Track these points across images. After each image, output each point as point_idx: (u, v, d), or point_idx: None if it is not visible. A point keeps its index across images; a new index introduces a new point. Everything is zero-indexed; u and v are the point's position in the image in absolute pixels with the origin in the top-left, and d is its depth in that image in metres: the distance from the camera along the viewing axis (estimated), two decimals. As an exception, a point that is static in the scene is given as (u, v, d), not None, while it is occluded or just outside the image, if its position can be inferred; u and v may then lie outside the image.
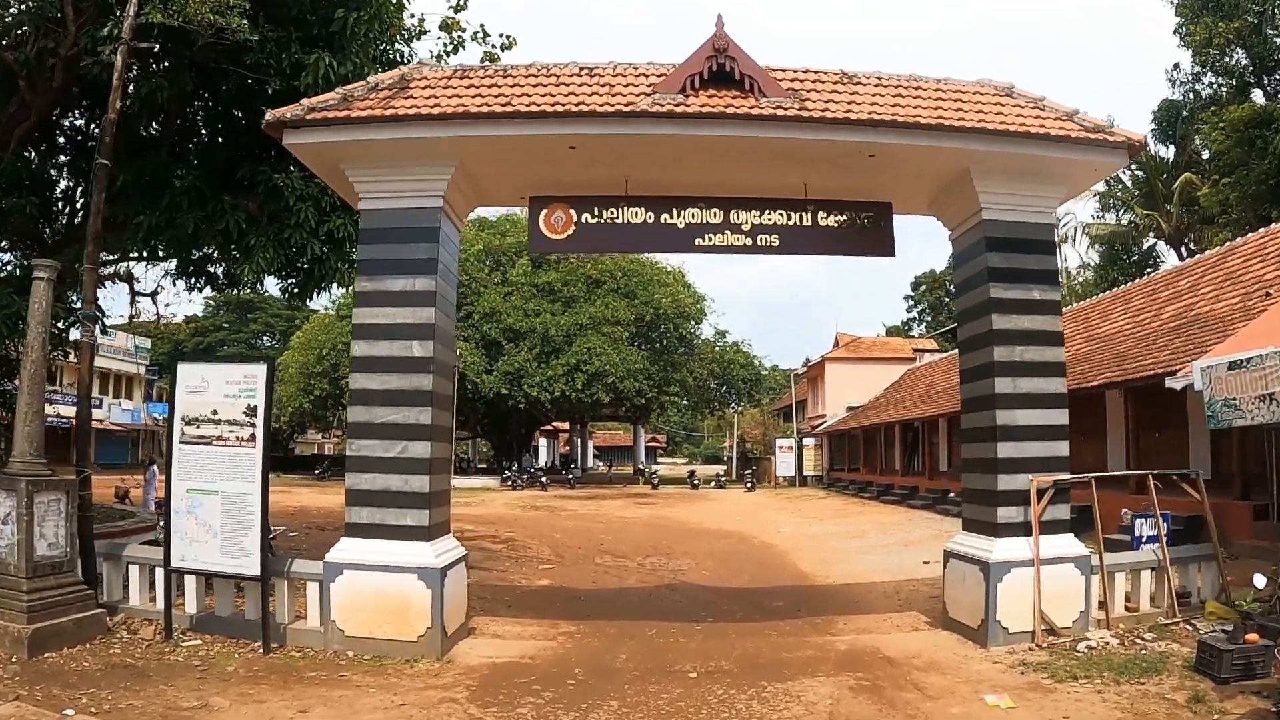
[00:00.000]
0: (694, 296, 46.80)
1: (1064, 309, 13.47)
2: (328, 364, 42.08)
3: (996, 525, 7.86)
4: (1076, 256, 40.07)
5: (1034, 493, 7.91)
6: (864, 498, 32.72)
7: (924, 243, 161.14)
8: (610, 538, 18.71)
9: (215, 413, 7.88)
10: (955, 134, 7.77)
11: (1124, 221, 34.91)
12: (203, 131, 12.55)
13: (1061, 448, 8.18)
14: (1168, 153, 33.45)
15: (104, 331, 15.06)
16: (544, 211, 8.36)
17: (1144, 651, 7.54)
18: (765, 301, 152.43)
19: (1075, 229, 35.61)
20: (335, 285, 13.60)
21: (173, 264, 16.85)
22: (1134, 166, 33.19)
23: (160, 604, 8.04)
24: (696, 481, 43.01)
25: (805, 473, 44.30)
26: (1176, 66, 32.73)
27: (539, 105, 7.61)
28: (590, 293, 43.69)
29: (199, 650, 7.56)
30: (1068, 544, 8.10)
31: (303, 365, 43.40)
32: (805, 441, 45.29)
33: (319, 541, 14.30)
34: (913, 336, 57.25)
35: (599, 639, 8.40)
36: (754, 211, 8.31)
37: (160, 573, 8.05)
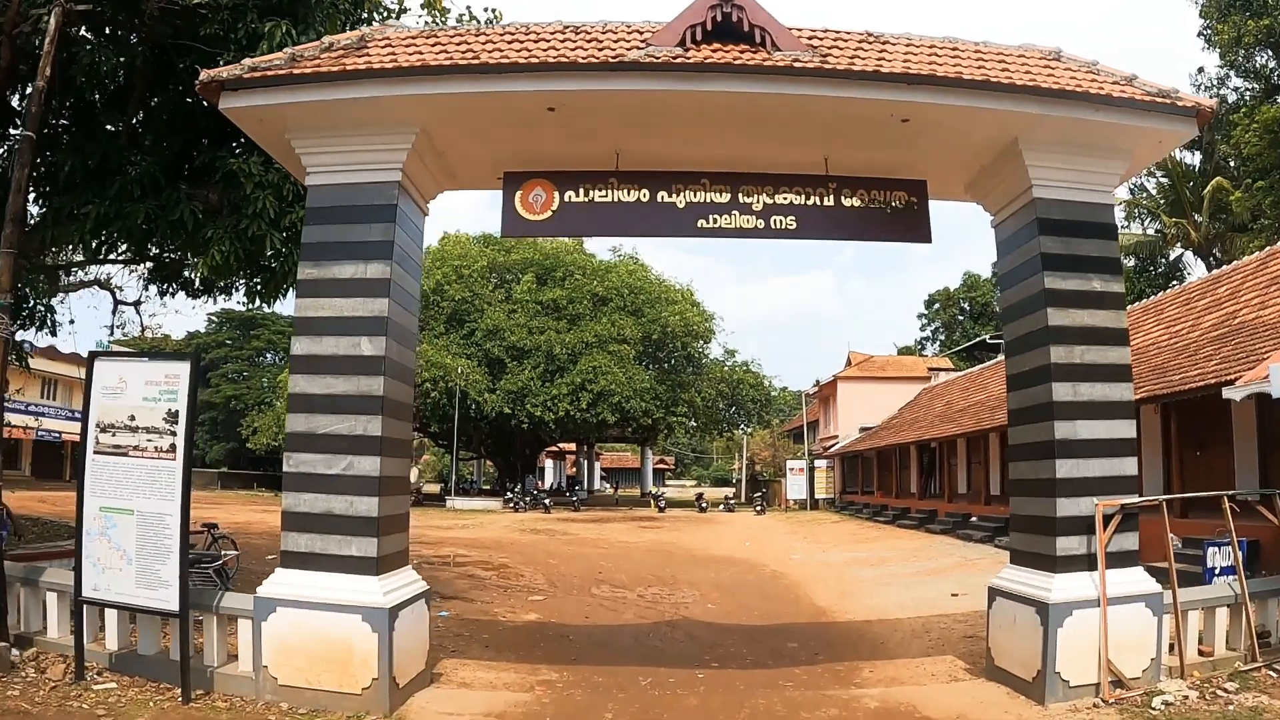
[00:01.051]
0: (702, 315, 45.70)
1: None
2: (326, 381, 40.96)
3: (1055, 559, 6.58)
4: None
5: (1099, 519, 6.63)
6: (879, 522, 31.32)
7: (932, 263, 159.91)
8: (610, 565, 17.41)
9: (133, 418, 6.72)
10: (1003, 93, 6.56)
11: (1150, 231, 33.61)
12: (163, 117, 11.49)
13: (1128, 465, 6.90)
14: (1194, 159, 32.24)
15: (30, 326, 14.08)
16: (521, 189, 7.19)
17: (1230, 707, 6.34)
18: (773, 324, 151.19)
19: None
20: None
21: (144, 268, 16.02)
22: (1160, 174, 31.99)
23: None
24: (704, 505, 41.63)
25: (817, 495, 42.88)
26: (1200, 70, 31.61)
27: (511, 59, 6.46)
28: (596, 310, 42.66)
29: (110, 696, 6.40)
30: (1137, 579, 6.81)
31: (300, 382, 42.24)
32: (817, 463, 43.90)
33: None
34: (926, 356, 55.84)
35: (584, 691, 7.13)
36: (766, 189, 7.10)
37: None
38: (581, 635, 9.76)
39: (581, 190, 7.12)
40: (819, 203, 7.11)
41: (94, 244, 11.99)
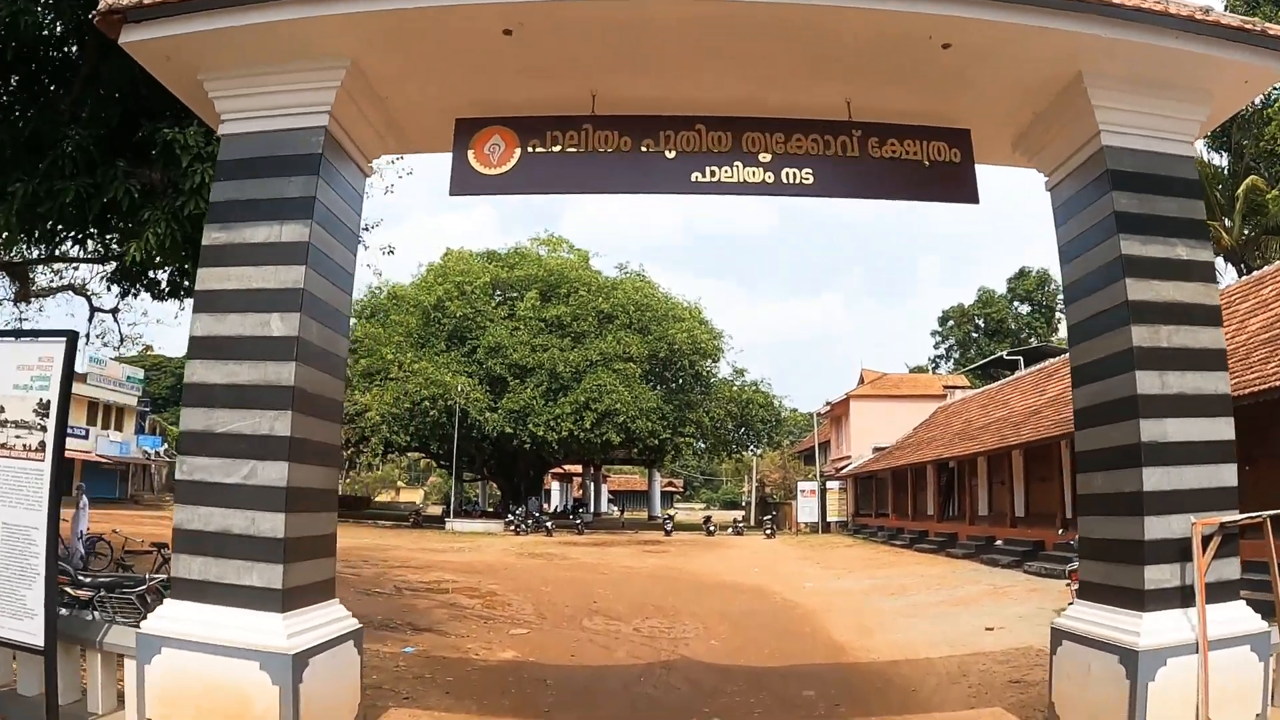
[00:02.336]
0: (710, 332, 44.38)
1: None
2: (322, 398, 39.72)
3: (1143, 593, 5.18)
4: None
5: (1197, 541, 5.25)
6: (895, 546, 29.76)
7: (944, 285, 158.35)
8: (608, 593, 15.98)
9: (1, 410, 5.46)
10: (1066, 11, 5.25)
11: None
12: (98, 89, 10.35)
13: (1227, 473, 5.52)
14: (1222, 161, 30.81)
15: None
16: (475, 138, 5.91)
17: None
18: (782, 346, 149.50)
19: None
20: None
21: (107, 269, 15.05)
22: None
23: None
24: (712, 528, 40.08)
25: (829, 518, 41.32)
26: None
27: (457, -33, 5.19)
28: (601, 327, 41.41)
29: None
30: (1240, 616, 5.43)
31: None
32: (829, 484, 42.35)
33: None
34: (941, 374, 54.29)
35: (549, 755, 5.76)
36: (777, 136, 5.80)
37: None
38: (562, 679, 8.35)
39: (548, 139, 5.83)
40: (841, 152, 5.79)
41: (29, 228, 10.89)
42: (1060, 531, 15.19)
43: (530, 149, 5.81)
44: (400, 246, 48.84)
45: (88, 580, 8.59)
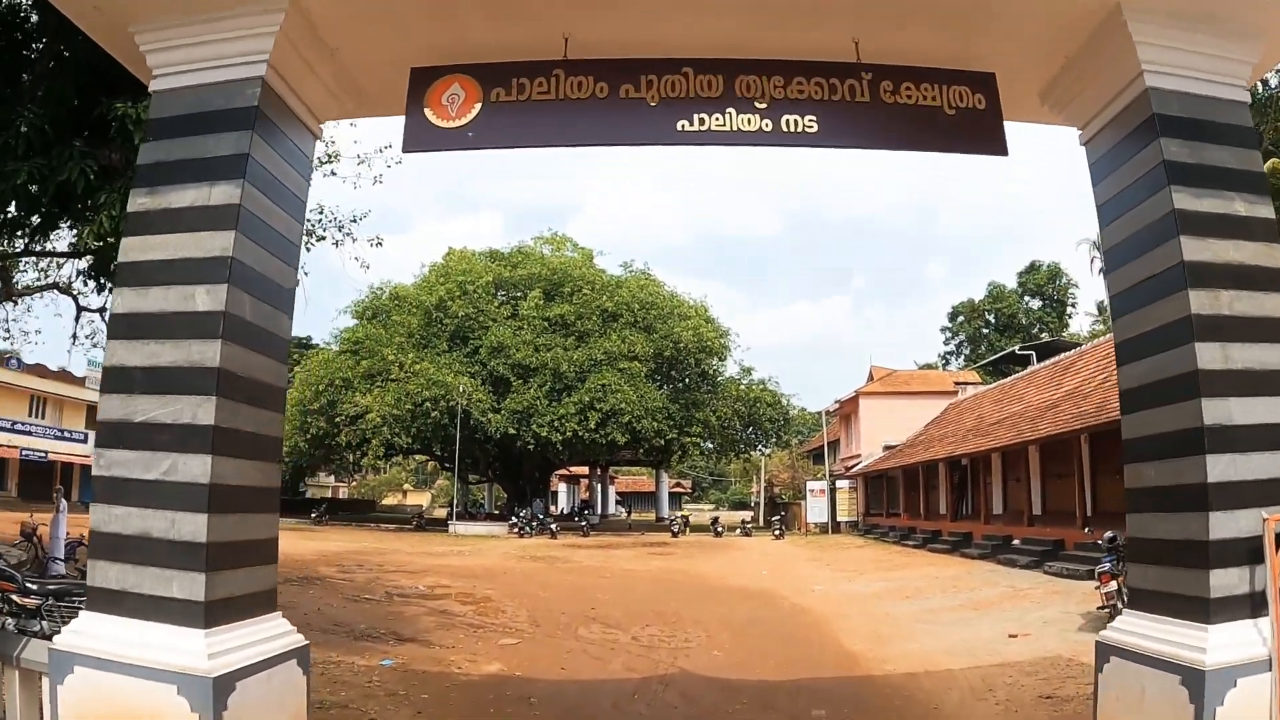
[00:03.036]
0: (717, 330, 43.62)
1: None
2: (325, 400, 39.20)
3: (1208, 602, 4.43)
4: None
5: (1269, 539, 4.50)
6: (907, 546, 28.95)
7: (951, 286, 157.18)
8: (608, 598, 15.28)
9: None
10: (1108, -70, 4.53)
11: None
12: (50, 63, 9.72)
13: (1299, 462, 4.77)
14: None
15: None
16: (431, 88, 5.20)
17: None
18: (789, 349, 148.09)
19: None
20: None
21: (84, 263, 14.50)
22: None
23: None
24: (720, 529, 39.31)
25: (839, 518, 40.51)
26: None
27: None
28: (605, 326, 40.73)
29: None
30: (1313, 628, 4.68)
31: (299, 402, 40.54)
32: (839, 484, 41.54)
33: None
34: (952, 371, 53.39)
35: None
36: (775, 79, 5.06)
37: None
38: (548, 696, 7.64)
39: (514, 86, 5.11)
40: (848, 97, 5.06)
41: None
42: (1087, 530, 14.37)
43: (494, 99, 5.09)
44: (407, 252, 48.33)
45: (34, 587, 7.93)
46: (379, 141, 17.71)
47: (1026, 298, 59.51)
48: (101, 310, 19.30)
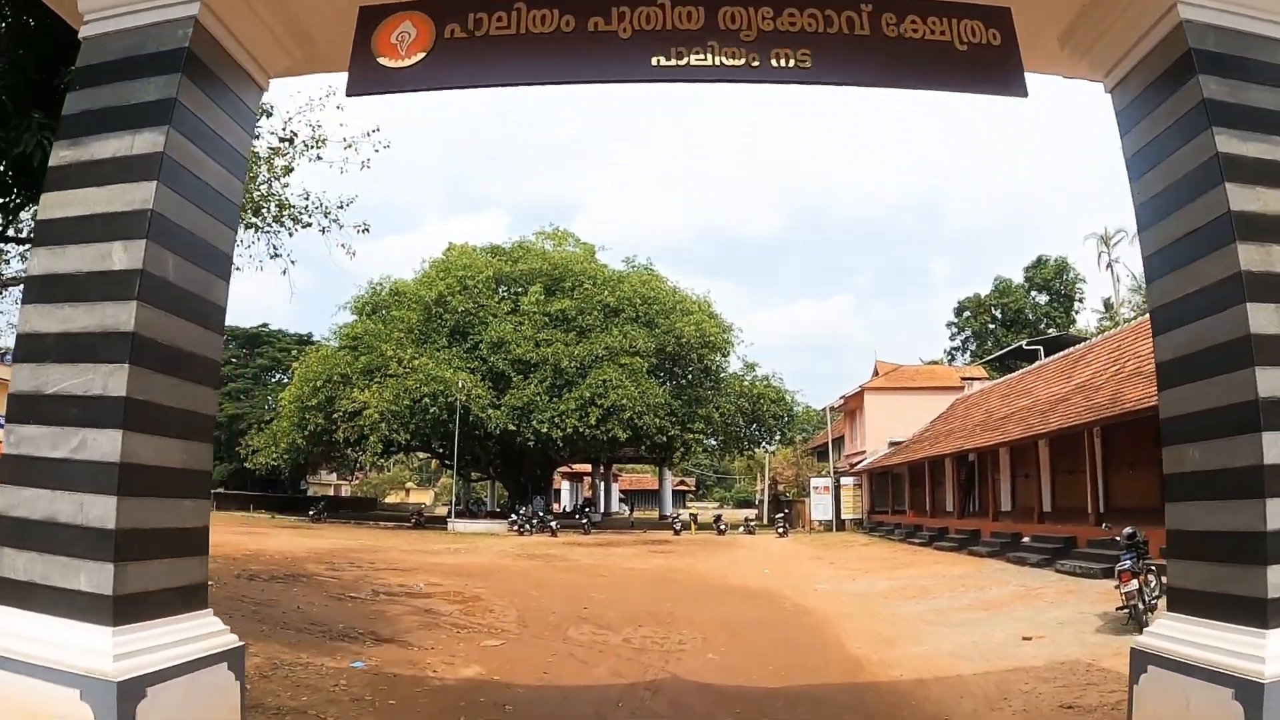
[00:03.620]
0: (720, 325, 42.94)
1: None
2: (323, 396, 38.65)
3: (1265, 604, 3.85)
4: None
5: (1333, 533, 3.92)
6: (914, 544, 28.33)
7: (955, 286, 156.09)
8: (602, 597, 14.71)
9: None
10: None
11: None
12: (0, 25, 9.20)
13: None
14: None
15: None
16: (380, 27, 4.65)
17: None
18: (792, 348, 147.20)
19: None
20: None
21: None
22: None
23: None
24: (723, 526, 38.72)
25: (844, 516, 39.90)
26: None
27: None
28: (607, 321, 40.12)
29: None
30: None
31: (297, 399, 40.05)
32: (843, 481, 40.91)
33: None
34: (958, 366, 52.68)
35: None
36: (764, 10, 4.50)
37: None
38: (526, 703, 7.07)
39: (471, 21, 4.55)
40: (846, 30, 4.49)
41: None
42: (1104, 526, 13.77)
43: (447, 35, 4.54)
44: (411, 250, 47.71)
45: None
46: (367, 125, 16.94)
47: (1033, 293, 58.74)
48: None
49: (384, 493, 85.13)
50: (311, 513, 42.25)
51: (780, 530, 36.93)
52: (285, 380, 53.36)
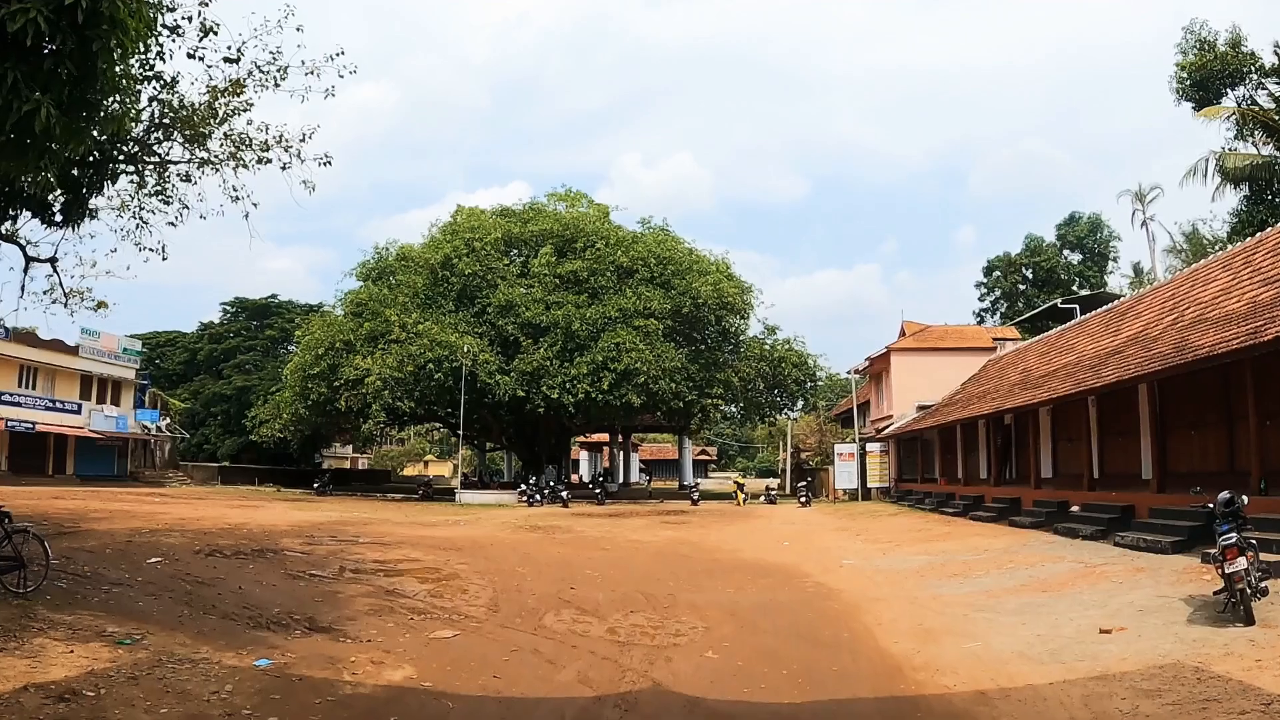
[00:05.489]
0: (739, 286, 40.62)
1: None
2: (325, 364, 37.08)
3: None
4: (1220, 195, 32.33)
5: None
6: (946, 514, 26.33)
7: (979, 255, 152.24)
8: (596, 575, 12.95)
9: None
10: None
11: (1266, 151, 28.06)
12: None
13: None
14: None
15: None
16: None
17: None
18: (818, 317, 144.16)
19: (1207, 161, 28.80)
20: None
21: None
22: (1273, 80, 26.54)
23: None
24: (744, 496, 36.92)
25: (869, 484, 37.93)
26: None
27: None
28: (620, 283, 38.15)
29: None
30: None
31: (300, 368, 38.54)
32: (869, 447, 38.87)
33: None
34: (988, 327, 50.27)
35: None
36: None
37: None
38: (451, 725, 5.30)
39: None
40: None
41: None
42: (1195, 490, 11.74)
43: None
44: (434, 224, 45.15)
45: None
46: (329, 49, 14.95)
47: (1066, 251, 55.91)
48: (53, 260, 17.11)
49: (402, 465, 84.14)
50: (316, 485, 40.94)
51: (803, 500, 35.07)
52: (293, 351, 52.05)
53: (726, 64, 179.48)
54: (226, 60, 13.28)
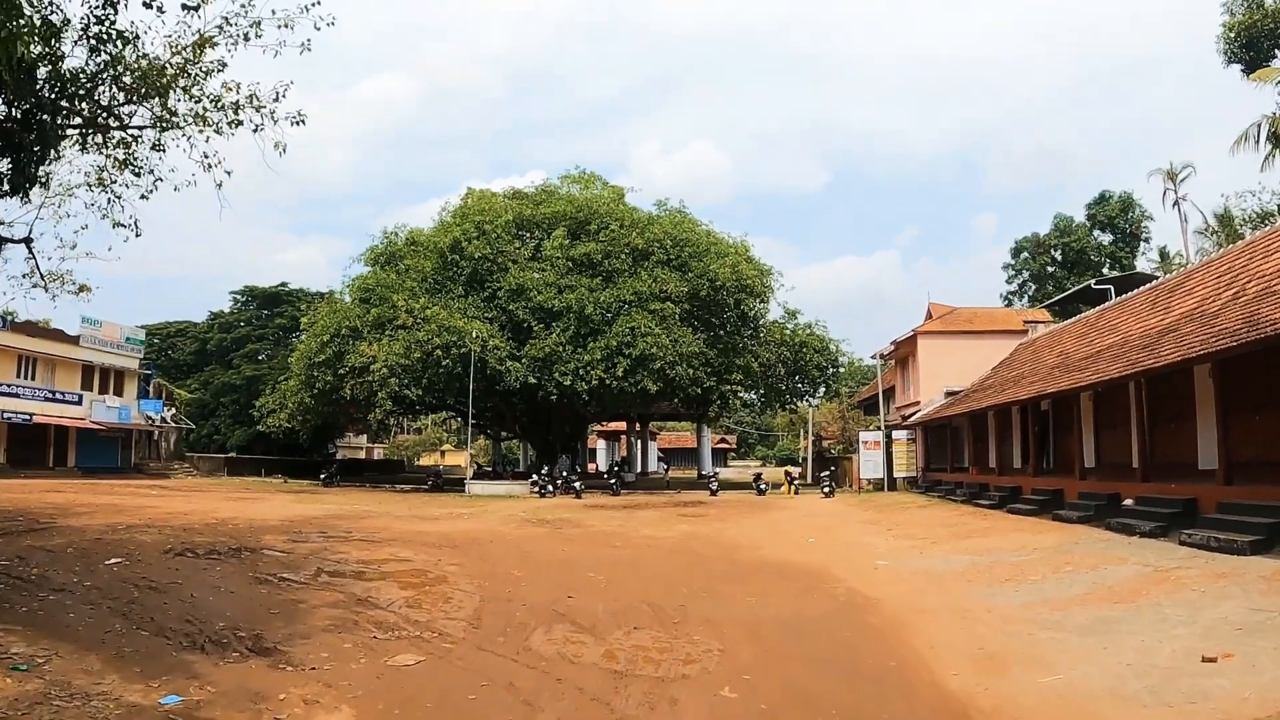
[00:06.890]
0: (758, 269, 38.94)
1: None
2: (331, 352, 35.88)
3: None
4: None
5: None
6: (981, 506, 24.77)
7: (1000, 241, 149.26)
8: (600, 579, 11.59)
9: None
10: None
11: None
12: None
13: None
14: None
15: None
16: None
17: None
18: (838, 304, 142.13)
19: (1259, 127, 27.00)
20: None
21: None
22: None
23: None
24: (763, 486, 35.43)
25: (895, 474, 36.38)
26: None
27: None
28: (635, 265, 36.61)
29: None
30: None
31: (305, 355, 37.40)
32: (895, 435, 37.29)
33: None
34: (1018, 309, 48.39)
35: None
36: None
37: None
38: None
39: None
40: None
41: None
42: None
43: None
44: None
45: None
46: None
47: (1096, 231, 53.82)
48: (28, 241, 15.83)
49: (417, 455, 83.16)
50: (323, 476, 39.88)
51: (826, 490, 33.58)
52: (301, 339, 50.96)
53: (746, 50, 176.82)
54: (184, 7, 11.97)
